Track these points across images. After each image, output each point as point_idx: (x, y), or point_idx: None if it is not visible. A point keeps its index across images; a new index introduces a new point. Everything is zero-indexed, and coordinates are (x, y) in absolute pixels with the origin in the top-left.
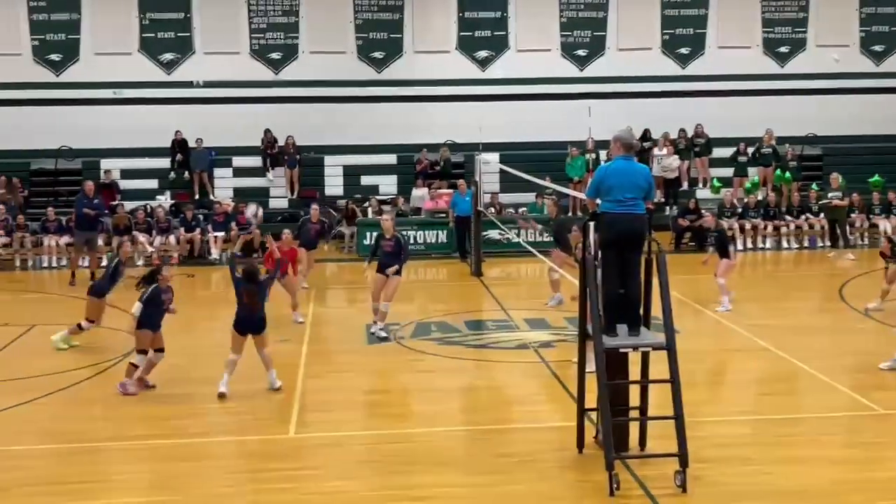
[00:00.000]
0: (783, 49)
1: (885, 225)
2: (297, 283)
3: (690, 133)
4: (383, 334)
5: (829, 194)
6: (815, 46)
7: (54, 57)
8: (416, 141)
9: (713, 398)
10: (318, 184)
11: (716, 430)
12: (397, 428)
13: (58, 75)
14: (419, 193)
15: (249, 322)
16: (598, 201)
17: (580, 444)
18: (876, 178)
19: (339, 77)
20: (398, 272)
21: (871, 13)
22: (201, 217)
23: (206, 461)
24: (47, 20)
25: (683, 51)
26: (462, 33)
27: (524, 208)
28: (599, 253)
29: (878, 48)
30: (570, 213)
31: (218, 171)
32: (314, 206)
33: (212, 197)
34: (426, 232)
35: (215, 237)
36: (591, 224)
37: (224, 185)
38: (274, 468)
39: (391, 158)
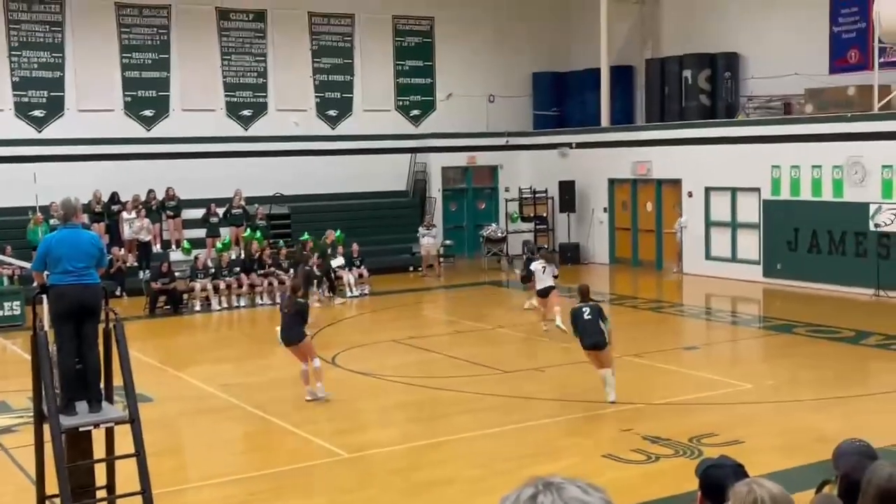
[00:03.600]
0: (246, 112)
1: (346, 276)
2: None
3: (161, 195)
4: None
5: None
6: (276, 110)
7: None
8: None
9: (195, 463)
10: None
11: (199, 495)
12: None
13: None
14: None
15: None
16: (47, 274)
17: None
18: (338, 233)
19: None
20: None
21: (325, 81)
22: None
23: None
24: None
25: (147, 113)
26: None
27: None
28: (52, 328)
29: (331, 113)
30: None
31: None
32: None
33: None
34: None
35: None
36: (43, 298)
37: None
38: None
39: None
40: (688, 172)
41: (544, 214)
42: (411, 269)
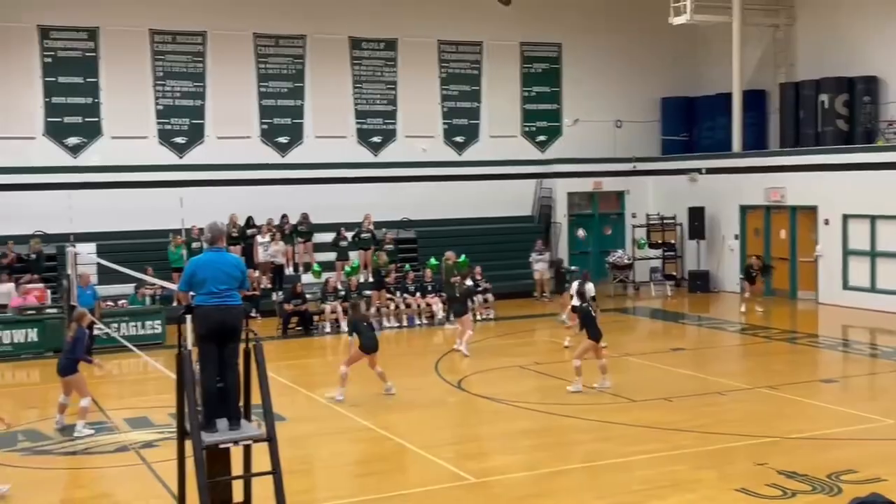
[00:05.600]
0: (376, 139)
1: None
2: None
3: (294, 219)
4: (88, 431)
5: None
6: (405, 137)
7: None
8: (1, 232)
9: (323, 483)
10: None
11: None
12: None
13: None
14: (5, 289)
15: None
16: (192, 295)
17: None
18: (463, 258)
19: None
20: None
21: (452, 107)
22: None
23: None
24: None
25: (282, 140)
26: (49, 119)
27: (123, 300)
28: (196, 347)
29: (458, 139)
30: None
31: None
32: None
33: None
34: (14, 331)
35: None
36: (187, 318)
37: None
38: None
39: None
40: (824, 199)
41: (672, 241)
42: (536, 293)
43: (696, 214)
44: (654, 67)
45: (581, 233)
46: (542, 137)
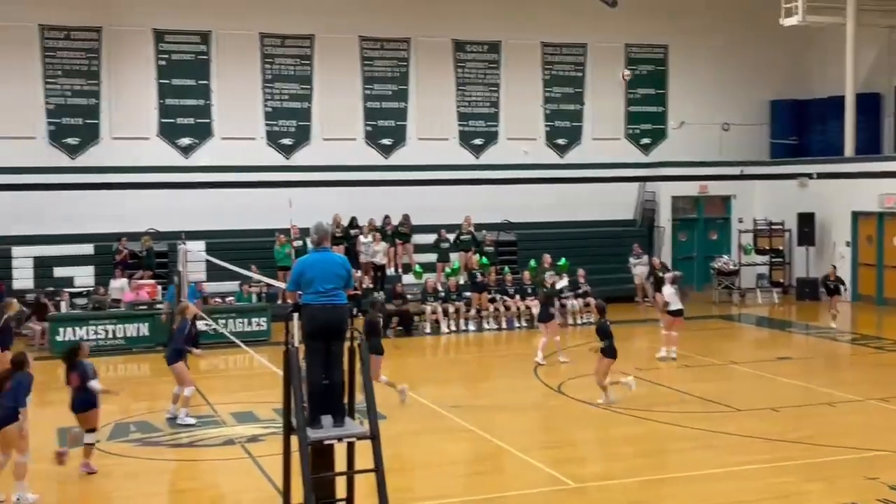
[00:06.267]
0: (478, 141)
1: (570, 304)
2: None
3: (396, 220)
4: (190, 420)
5: (546, 274)
6: (507, 139)
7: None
8: (115, 230)
9: (421, 483)
10: (6, 276)
11: None
12: None
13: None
14: (118, 284)
15: None
16: (300, 294)
17: None
18: (563, 261)
19: (25, 164)
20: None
21: (555, 109)
22: None
23: None
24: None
25: (386, 141)
26: (163, 120)
27: (231, 297)
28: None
29: (560, 141)
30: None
31: None
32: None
33: None
34: (126, 325)
35: None
36: (295, 316)
37: None
38: None
39: (88, 248)
40: None
41: (780, 247)
42: (637, 298)
43: (806, 220)
44: (763, 69)
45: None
46: (646, 140)
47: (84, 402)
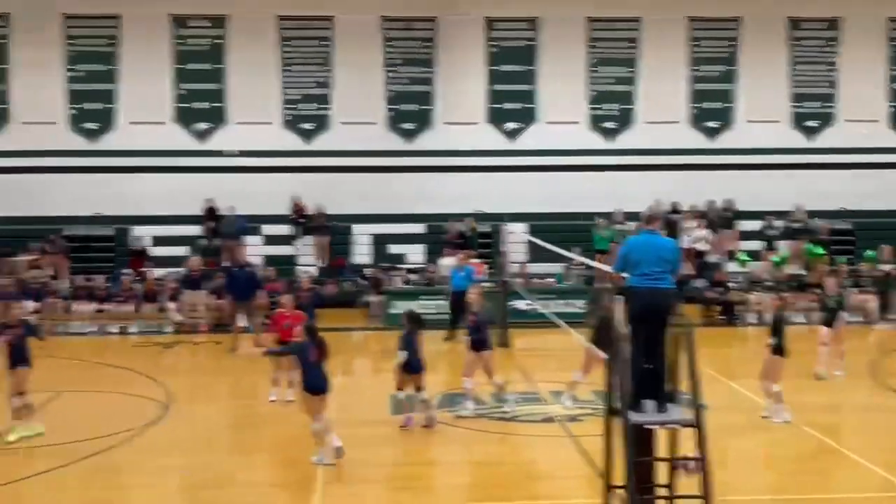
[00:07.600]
0: (812, 123)
1: None
2: None
3: (718, 205)
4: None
5: (883, 266)
6: (844, 121)
7: (91, 125)
8: (444, 210)
9: (742, 477)
10: (347, 252)
11: None
12: (423, 501)
13: (92, 143)
14: (447, 262)
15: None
16: (625, 275)
17: None
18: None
19: (369, 147)
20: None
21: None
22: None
23: None
24: (84, 90)
25: (711, 124)
26: (491, 105)
27: (552, 279)
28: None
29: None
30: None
31: (248, 239)
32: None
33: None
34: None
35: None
36: (620, 298)
37: (254, 253)
38: None
39: (419, 228)
40: None
41: None
42: None
43: None
44: None
45: None
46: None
47: (416, 365)
